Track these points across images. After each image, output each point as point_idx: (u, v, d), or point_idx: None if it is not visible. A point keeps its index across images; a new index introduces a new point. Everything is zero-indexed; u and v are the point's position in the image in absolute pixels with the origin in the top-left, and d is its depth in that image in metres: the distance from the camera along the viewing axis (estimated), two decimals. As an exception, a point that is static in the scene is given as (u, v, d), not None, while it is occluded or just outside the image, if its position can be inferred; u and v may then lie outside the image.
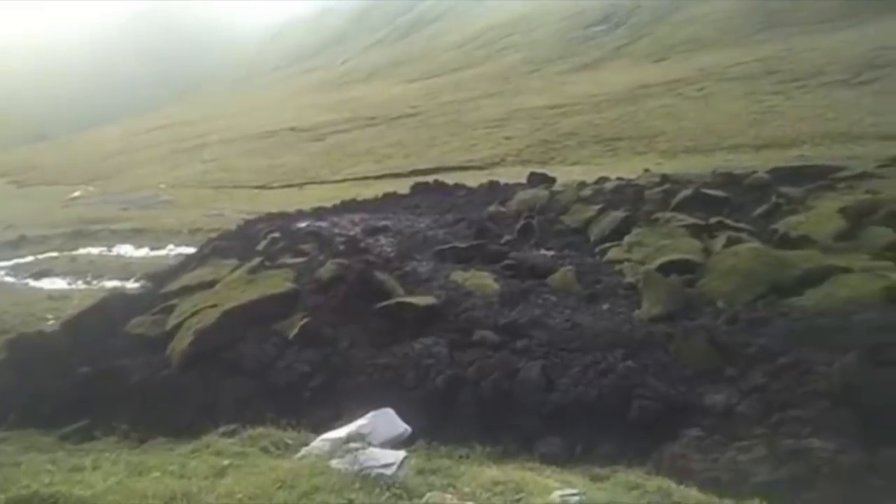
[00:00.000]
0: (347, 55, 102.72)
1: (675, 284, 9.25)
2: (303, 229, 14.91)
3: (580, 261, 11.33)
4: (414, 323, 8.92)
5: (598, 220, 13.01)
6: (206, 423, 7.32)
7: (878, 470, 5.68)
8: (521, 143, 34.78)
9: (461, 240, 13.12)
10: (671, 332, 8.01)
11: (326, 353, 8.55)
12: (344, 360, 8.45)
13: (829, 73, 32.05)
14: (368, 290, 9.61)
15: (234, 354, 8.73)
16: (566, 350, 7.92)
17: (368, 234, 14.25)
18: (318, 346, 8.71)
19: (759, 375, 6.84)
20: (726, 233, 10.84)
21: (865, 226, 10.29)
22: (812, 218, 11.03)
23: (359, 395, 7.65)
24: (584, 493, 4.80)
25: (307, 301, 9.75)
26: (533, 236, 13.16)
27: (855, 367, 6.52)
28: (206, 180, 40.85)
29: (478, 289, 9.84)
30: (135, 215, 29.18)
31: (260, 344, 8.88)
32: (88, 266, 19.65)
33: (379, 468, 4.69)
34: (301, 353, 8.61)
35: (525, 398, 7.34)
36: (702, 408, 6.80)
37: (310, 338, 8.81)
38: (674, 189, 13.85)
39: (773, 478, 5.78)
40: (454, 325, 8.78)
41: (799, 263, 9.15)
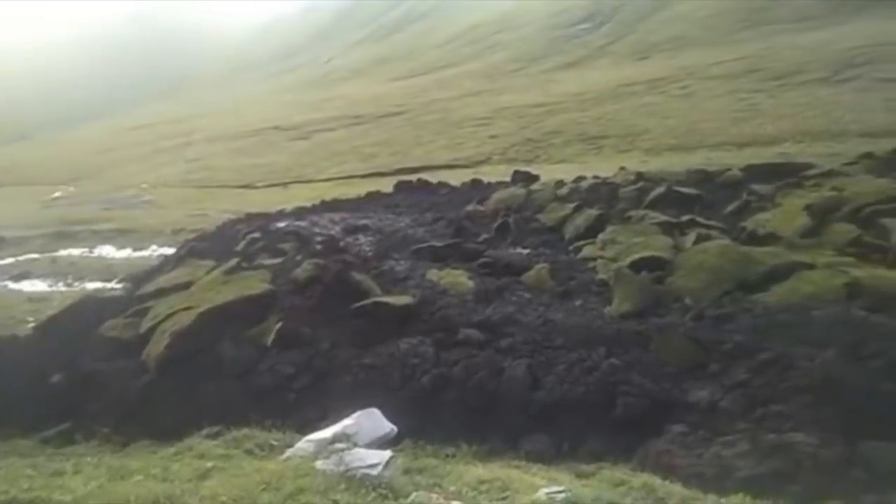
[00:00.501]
0: (332, 53, 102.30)
1: (644, 281, 9.43)
2: (282, 229, 14.74)
3: (555, 258, 11.47)
4: (391, 322, 8.90)
5: (572, 219, 13.16)
6: (188, 426, 7.25)
7: (858, 463, 5.76)
8: (507, 141, 34.84)
9: (440, 238, 13.19)
10: (641, 328, 8.13)
11: (309, 355, 8.50)
12: (326, 360, 8.40)
13: (809, 72, 32.42)
14: (345, 290, 9.60)
15: (213, 357, 8.65)
16: (546, 347, 7.95)
17: (348, 233, 14.21)
18: (298, 347, 8.66)
19: (742, 371, 6.90)
20: (697, 230, 11.00)
21: (830, 222, 10.52)
22: (779, 215, 11.23)
23: (344, 395, 7.63)
24: (569, 491, 4.82)
25: (284, 302, 9.68)
26: (509, 235, 13.29)
27: (835, 362, 6.60)
28: (189, 180, 40.52)
29: (453, 287, 9.93)
30: (117, 216, 28.86)
31: (238, 346, 8.81)
32: (69, 268, 19.40)
33: (364, 468, 4.68)
34: (282, 355, 8.55)
35: (511, 397, 7.36)
36: (686, 404, 6.86)
37: (289, 339, 8.76)
38: (647, 187, 14.01)
39: (756, 472, 5.84)
40: (429, 324, 8.81)
41: (765, 260, 9.39)
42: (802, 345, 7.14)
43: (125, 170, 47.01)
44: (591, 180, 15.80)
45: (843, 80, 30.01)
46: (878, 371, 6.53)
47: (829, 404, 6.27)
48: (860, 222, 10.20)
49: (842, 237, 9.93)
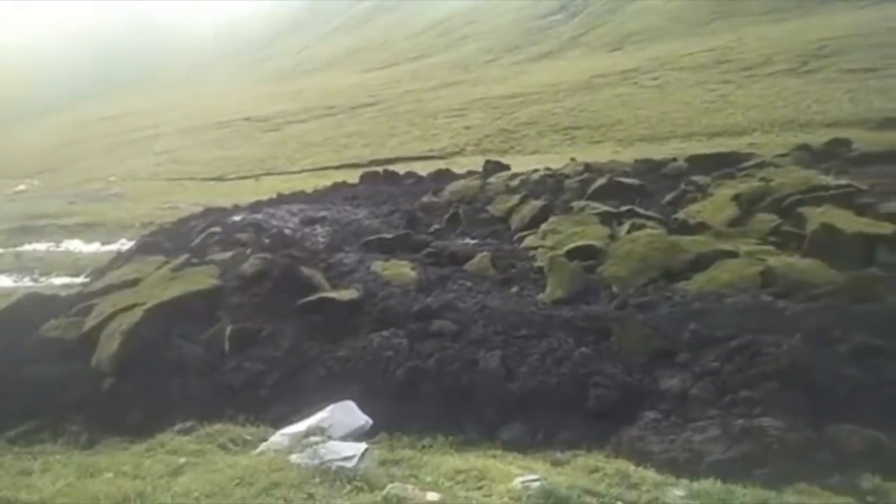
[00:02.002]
0: (304, 44, 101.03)
1: (576, 269, 9.69)
2: (238, 223, 14.58)
3: (499, 248, 11.73)
4: (337, 316, 8.91)
5: (519, 209, 13.43)
6: (160, 423, 7.13)
7: (824, 446, 5.90)
8: (481, 132, 34.85)
9: (395, 230, 13.37)
10: (570, 315, 8.39)
11: (273, 352, 8.44)
12: (295, 356, 8.34)
13: (776, 63, 32.93)
14: (294, 285, 9.60)
15: (176, 356, 8.53)
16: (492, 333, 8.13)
17: (305, 225, 14.31)
18: (257, 344, 8.61)
19: (712, 359, 7.02)
20: (633, 220, 11.26)
21: (755, 212, 10.85)
22: (709, 205, 11.57)
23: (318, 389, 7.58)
24: (544, 479, 4.85)
25: (231, 297, 9.61)
26: (459, 225, 13.54)
27: (802, 348, 6.75)
28: (158, 172, 39.81)
29: (396, 278, 10.10)
30: (84, 209, 28.24)
31: (203, 345, 8.71)
32: (35, 263, 18.97)
33: (339, 461, 4.66)
34: (249, 351, 8.48)
35: (486, 388, 7.40)
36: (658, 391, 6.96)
37: (246, 338, 8.69)
38: (591, 178, 14.34)
39: (726, 456, 5.95)
40: (371, 316, 8.86)
41: (690, 248, 9.71)
42: (716, 332, 7.43)
43: (92, 162, 45.99)
44: (542, 172, 16.14)
45: (809, 70, 30.54)
46: (843, 357, 6.70)
47: (796, 389, 6.42)
48: (781, 212, 10.57)
49: (764, 226, 10.31)
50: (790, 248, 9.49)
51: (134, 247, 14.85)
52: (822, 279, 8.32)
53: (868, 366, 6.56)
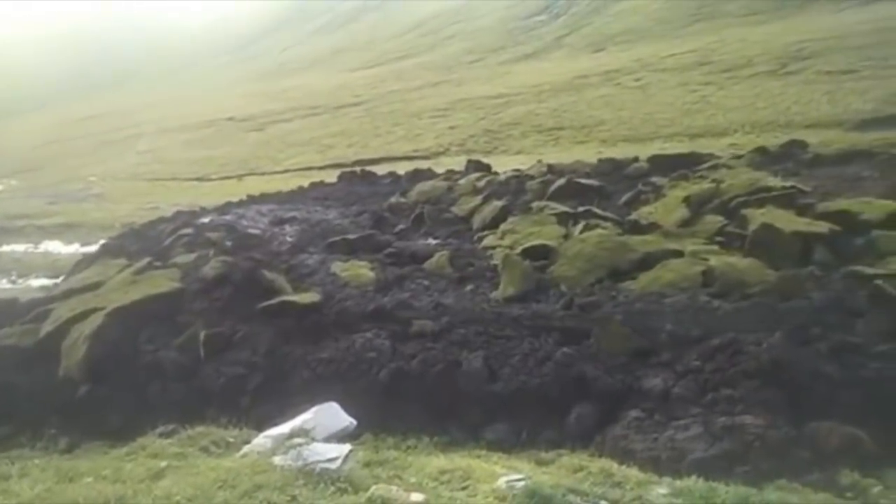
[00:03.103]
0: (288, 43, 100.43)
1: (528, 268, 9.86)
2: (207, 225, 14.46)
3: (459, 247, 11.93)
4: (298, 319, 8.93)
5: (480, 210, 13.64)
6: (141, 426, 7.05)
7: (804, 443, 5.98)
8: (465, 132, 34.86)
9: (362, 230, 13.52)
10: (519, 312, 8.53)
11: (250, 355, 8.40)
12: (275, 359, 8.31)
13: (757, 64, 33.28)
14: (255, 288, 9.62)
15: (150, 359, 8.46)
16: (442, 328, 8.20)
17: (275, 226, 14.36)
18: (228, 347, 8.58)
19: (693, 358, 7.08)
20: (589, 220, 11.42)
21: (704, 213, 11.10)
22: (661, 207, 11.80)
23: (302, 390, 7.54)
24: (529, 478, 4.86)
25: (193, 301, 9.58)
26: (424, 225, 13.72)
27: (781, 346, 6.83)
28: (140, 172, 39.38)
29: (354, 279, 10.23)
30: (63, 209, 27.86)
31: (166, 346, 8.66)
32: (13, 264, 18.69)
33: (323, 463, 4.62)
34: (226, 355, 8.44)
35: (469, 388, 7.41)
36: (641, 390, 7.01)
37: (219, 342, 8.66)
38: (553, 179, 14.56)
39: (708, 454, 6.01)
40: (328, 318, 8.90)
41: (638, 248, 9.89)
42: (659, 332, 7.57)
43: (72, 162, 45.39)
44: (509, 173, 16.41)
45: (789, 72, 30.90)
46: (822, 354, 6.79)
47: (776, 387, 6.50)
48: (727, 213, 10.80)
49: (712, 227, 10.54)
50: (734, 248, 9.69)
51: (97, 250, 14.63)
52: (758, 279, 8.52)
53: (846, 363, 6.66)
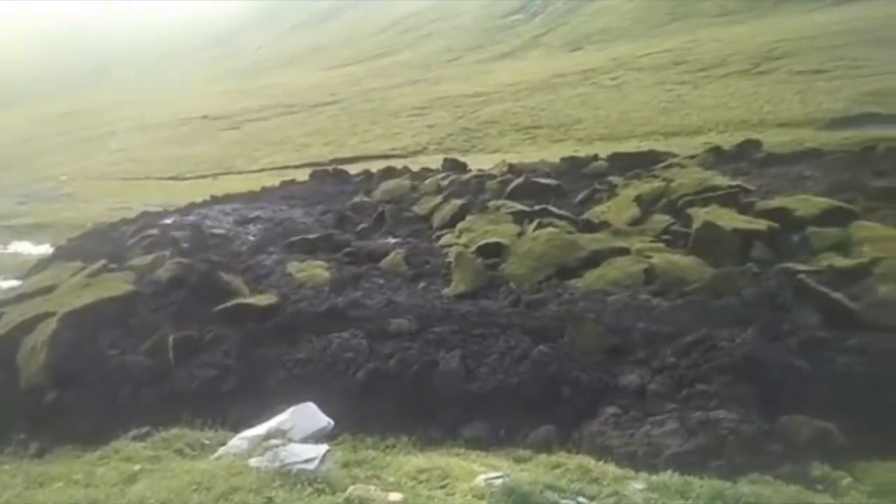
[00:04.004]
0: (264, 40, 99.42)
1: (480, 266, 10.00)
2: (171, 225, 14.27)
3: (417, 245, 12.03)
4: (255, 321, 8.91)
5: (440, 209, 13.76)
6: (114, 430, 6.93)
7: (776, 436, 6.09)
8: (443, 131, 34.83)
9: (325, 229, 13.58)
10: (468, 309, 8.66)
11: (218, 358, 8.33)
12: (239, 361, 8.24)
13: (730, 64, 33.72)
14: (211, 290, 9.60)
15: (117, 363, 8.35)
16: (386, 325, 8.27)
17: (239, 225, 14.28)
18: (198, 350, 8.50)
19: (669, 354, 7.15)
20: (543, 219, 11.55)
21: (653, 212, 11.32)
22: (614, 206, 12.01)
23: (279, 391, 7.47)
24: (507, 476, 4.87)
25: (147, 304, 9.50)
26: (385, 224, 13.83)
27: (754, 342, 6.94)
28: (113, 171, 38.72)
29: (310, 279, 10.26)
30: (33, 209, 27.26)
31: (124, 348, 8.58)
32: (-19, 265, 18.19)
33: (300, 464, 4.59)
34: (197, 357, 8.37)
35: (447, 388, 7.42)
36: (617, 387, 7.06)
37: (191, 343, 8.58)
38: (511, 178, 14.77)
39: (683, 449, 6.08)
40: (283, 318, 8.89)
41: (587, 246, 10.06)
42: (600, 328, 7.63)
43: (43, 161, 44.43)
44: (473, 173, 16.60)
45: (761, 72, 31.35)
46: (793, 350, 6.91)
47: (749, 382, 6.60)
48: (675, 212, 11.04)
49: (659, 226, 10.75)
50: (678, 246, 9.88)
51: (52, 252, 14.31)
52: (696, 276, 8.71)
53: (817, 359, 6.78)
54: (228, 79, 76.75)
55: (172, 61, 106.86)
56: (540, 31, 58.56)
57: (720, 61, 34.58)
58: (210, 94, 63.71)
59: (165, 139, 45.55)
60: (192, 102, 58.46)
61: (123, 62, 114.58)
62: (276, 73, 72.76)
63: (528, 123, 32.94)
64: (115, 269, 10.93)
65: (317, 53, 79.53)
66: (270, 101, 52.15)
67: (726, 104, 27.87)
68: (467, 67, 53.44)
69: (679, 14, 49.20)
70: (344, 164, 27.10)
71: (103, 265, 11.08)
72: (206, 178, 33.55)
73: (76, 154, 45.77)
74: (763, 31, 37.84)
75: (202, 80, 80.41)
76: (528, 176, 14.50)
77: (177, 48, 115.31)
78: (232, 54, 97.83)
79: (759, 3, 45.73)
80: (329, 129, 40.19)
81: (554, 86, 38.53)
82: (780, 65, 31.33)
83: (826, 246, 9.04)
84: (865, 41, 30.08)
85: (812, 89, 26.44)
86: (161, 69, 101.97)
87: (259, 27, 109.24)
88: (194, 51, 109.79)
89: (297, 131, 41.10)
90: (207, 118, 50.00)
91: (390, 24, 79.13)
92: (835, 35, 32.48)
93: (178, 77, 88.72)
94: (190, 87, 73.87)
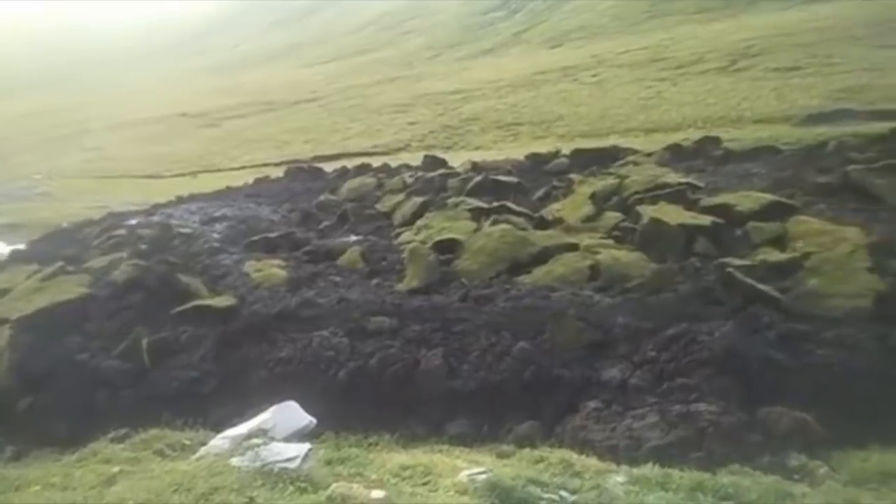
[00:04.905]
0: (242, 37, 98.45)
1: (434, 261, 10.07)
2: (136, 226, 13.99)
3: (376, 243, 12.10)
4: (213, 323, 8.90)
5: (401, 206, 13.84)
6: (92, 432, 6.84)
7: (755, 428, 6.17)
8: (425, 128, 34.75)
9: (290, 227, 13.62)
10: (421, 303, 8.77)
11: (194, 359, 8.27)
12: (217, 362, 8.18)
13: (708, 61, 34.05)
14: (169, 292, 9.54)
15: (91, 367, 8.25)
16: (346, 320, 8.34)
17: (205, 224, 14.14)
18: (173, 352, 8.43)
19: (650, 348, 7.22)
20: (499, 215, 11.63)
21: (606, 210, 11.45)
22: (569, 203, 12.12)
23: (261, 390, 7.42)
24: (490, 471, 4.89)
25: (104, 306, 9.40)
26: (348, 222, 13.86)
27: (733, 335, 7.03)
28: (88, 169, 38.09)
29: (266, 279, 10.25)
30: (7, 209, 26.69)
31: (94, 351, 8.49)
32: (-47, 267, 17.78)
33: (282, 462, 4.57)
34: (172, 360, 8.30)
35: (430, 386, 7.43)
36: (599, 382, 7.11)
37: (165, 345, 8.51)
38: (471, 177, 14.91)
39: (664, 441, 6.15)
40: (243, 320, 8.89)
41: (538, 242, 10.16)
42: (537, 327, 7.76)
43: (16, 160, 43.53)
44: (442, 171, 16.59)
45: (738, 69, 31.70)
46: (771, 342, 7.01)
47: (728, 375, 6.68)
48: (626, 209, 11.17)
49: (609, 223, 10.88)
50: (626, 243, 10.03)
51: (9, 255, 13.98)
52: (639, 272, 8.86)
53: (795, 351, 6.88)
54: (206, 76, 75.89)
55: (149, 59, 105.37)
56: (520, 28, 58.66)
57: (698, 58, 34.92)
58: (188, 91, 62.95)
59: (143, 137, 44.92)
60: (168, 100, 57.69)
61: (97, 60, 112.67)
62: (255, 71, 72.08)
63: (509, 120, 33.00)
64: (71, 271, 10.72)
65: (296, 50, 78.94)
66: (250, 99, 51.67)
67: (704, 101, 28.14)
68: (448, 64, 53.40)
69: (657, 11, 49.58)
70: (325, 161, 26.92)
71: (60, 267, 10.87)
72: (185, 176, 33.14)
73: (49, 153, 44.95)
74: (739, 29, 38.28)
75: (179, 77, 79.42)
76: (489, 174, 14.69)
77: (153, 45, 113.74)
78: (210, 51, 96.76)
79: (734, 1, 46.25)
80: (310, 127, 39.92)
81: (535, 83, 38.64)
82: (756, 62, 31.71)
83: (764, 240, 9.22)
84: (838, 39, 30.58)
85: (787, 86, 26.80)
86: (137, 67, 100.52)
87: (237, 24, 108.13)
88: (171, 48, 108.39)
89: (277, 129, 40.79)
90: (186, 116, 49.41)
91: (370, 21, 78.80)
92: (808, 32, 32.98)
93: (155, 74, 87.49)
94: (167, 85, 72.89)
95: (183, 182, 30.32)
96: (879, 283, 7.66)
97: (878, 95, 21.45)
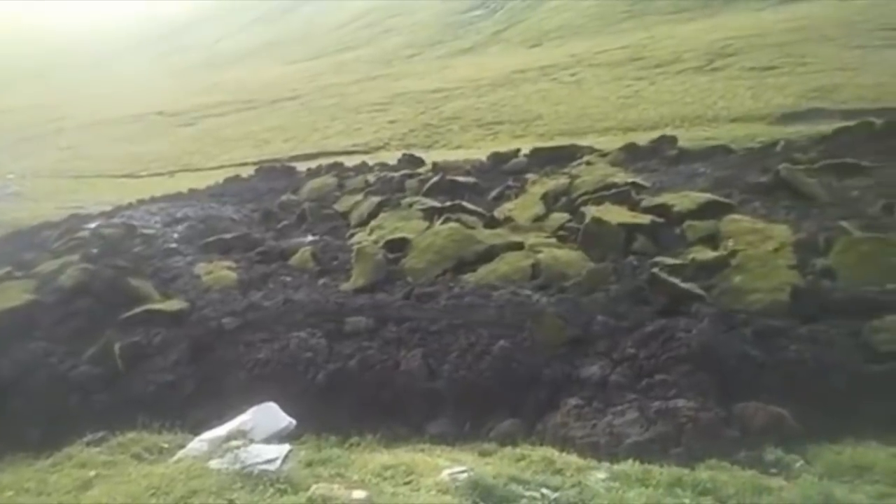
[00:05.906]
0: (220, 35, 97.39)
1: (381, 260, 10.13)
2: (97, 227, 13.72)
3: (330, 243, 12.11)
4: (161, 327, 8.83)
5: (359, 206, 13.89)
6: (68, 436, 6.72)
7: (733, 423, 6.26)
8: (405, 127, 34.63)
9: (249, 227, 13.66)
10: (365, 301, 8.83)
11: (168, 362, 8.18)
12: (190, 365, 8.09)
13: (686, 60, 34.38)
14: (117, 297, 9.44)
15: (59, 372, 8.13)
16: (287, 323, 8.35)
17: (167, 226, 14.04)
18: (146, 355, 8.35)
19: (629, 345, 7.28)
20: (451, 215, 11.69)
21: (554, 210, 11.60)
22: (521, 203, 12.26)
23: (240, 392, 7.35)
24: (472, 470, 4.89)
25: (50, 313, 9.26)
26: (305, 222, 13.87)
27: (711, 332, 7.11)
28: (63, 169, 37.38)
29: (217, 282, 10.22)
30: (-22, 210, 26.14)
31: (60, 356, 8.39)
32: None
33: (262, 464, 4.53)
34: (147, 362, 8.21)
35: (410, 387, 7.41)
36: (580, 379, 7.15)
37: (138, 349, 8.44)
38: (428, 177, 15.05)
39: (644, 437, 6.20)
40: (191, 322, 8.85)
41: (485, 241, 10.25)
42: (482, 324, 7.86)
43: (-13, 159, 42.66)
44: (403, 172, 16.66)
45: (715, 68, 32.04)
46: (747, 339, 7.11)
47: (706, 371, 6.76)
48: (572, 209, 11.32)
49: (556, 223, 11.03)
50: (569, 242, 10.17)
51: None
52: (577, 271, 9.00)
53: (770, 347, 6.99)
54: (184, 74, 74.96)
55: (125, 56, 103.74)
56: (499, 27, 58.78)
57: (675, 58, 35.24)
58: (165, 89, 62.12)
59: (118, 136, 44.24)
60: (144, 98, 56.85)
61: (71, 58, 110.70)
62: (233, 69, 71.35)
63: (489, 119, 33.02)
64: (19, 276, 10.48)
65: (275, 48, 78.29)
66: (228, 97, 51.14)
67: (682, 100, 28.40)
68: (428, 63, 53.31)
69: (635, 11, 49.98)
70: (304, 160, 26.74)
71: (7, 273, 10.64)
72: (163, 175, 32.70)
73: (22, 152, 44.06)
74: (716, 29, 38.73)
75: (156, 75, 78.29)
76: (445, 174, 14.78)
77: (128, 42, 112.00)
78: (187, 49, 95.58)
79: (711, 1, 46.80)
80: (289, 125, 39.60)
81: (514, 82, 38.73)
82: (732, 61, 32.09)
83: (697, 238, 9.42)
84: (811, 38, 31.09)
85: (763, 85, 27.17)
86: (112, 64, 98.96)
87: (215, 22, 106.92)
88: (148, 45, 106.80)
89: (256, 127, 40.40)
90: (163, 114, 48.75)
91: (349, 20, 78.41)
92: (783, 33, 33.48)
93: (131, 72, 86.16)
94: (142, 83, 71.83)
95: (160, 182, 29.93)
96: (798, 278, 7.89)
97: (850, 95, 21.86)
